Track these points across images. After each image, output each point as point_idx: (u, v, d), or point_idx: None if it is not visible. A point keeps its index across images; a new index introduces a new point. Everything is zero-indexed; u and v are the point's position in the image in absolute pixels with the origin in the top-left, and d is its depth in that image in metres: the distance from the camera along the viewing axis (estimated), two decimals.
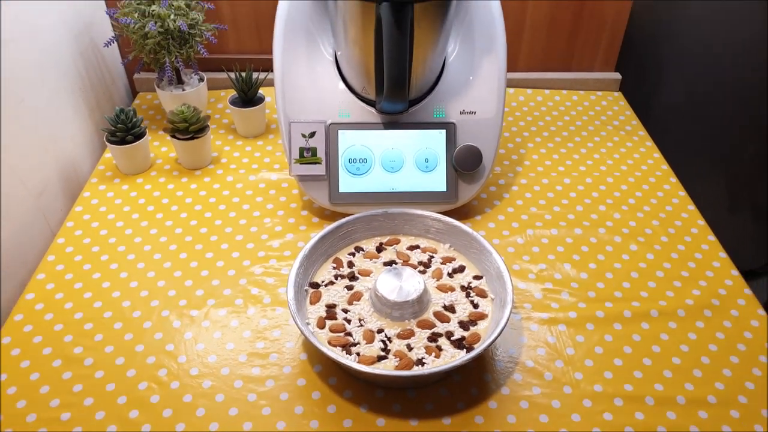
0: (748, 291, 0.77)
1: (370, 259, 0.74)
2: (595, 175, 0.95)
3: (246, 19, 1.08)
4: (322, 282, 0.71)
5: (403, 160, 0.83)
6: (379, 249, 0.75)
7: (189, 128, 0.89)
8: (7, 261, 0.76)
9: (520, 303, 0.75)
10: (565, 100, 1.13)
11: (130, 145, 0.89)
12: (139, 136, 0.90)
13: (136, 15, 0.91)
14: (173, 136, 0.90)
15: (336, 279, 0.71)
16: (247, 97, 0.98)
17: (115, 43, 0.98)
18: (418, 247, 0.75)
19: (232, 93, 1.03)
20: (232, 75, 0.97)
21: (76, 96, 0.95)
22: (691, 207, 0.90)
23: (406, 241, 0.76)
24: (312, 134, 0.82)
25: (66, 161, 0.91)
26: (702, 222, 0.87)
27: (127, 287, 0.75)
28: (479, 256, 0.72)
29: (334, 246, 0.74)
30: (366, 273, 0.72)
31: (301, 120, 0.82)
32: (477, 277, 0.72)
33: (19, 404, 0.63)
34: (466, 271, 0.73)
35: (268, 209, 0.87)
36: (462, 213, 0.86)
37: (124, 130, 0.88)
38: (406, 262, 0.73)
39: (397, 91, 0.75)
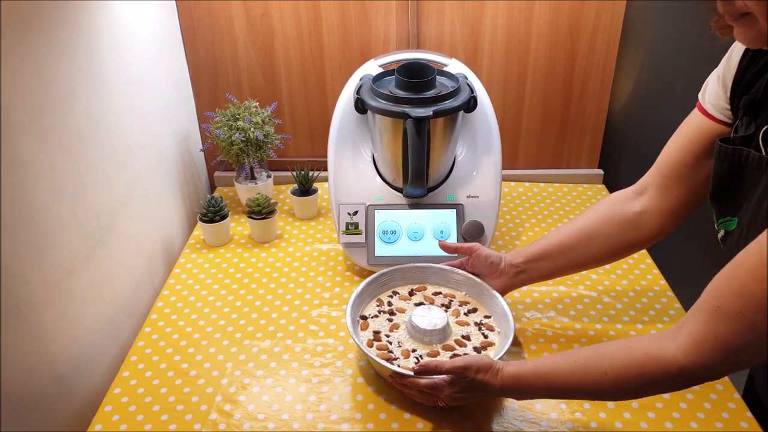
0: None
1: (404, 300, 0.98)
2: None
3: (303, 131, 1.40)
4: (369, 315, 0.95)
5: (424, 231, 1.09)
6: (411, 293, 0.99)
7: (262, 211, 1.17)
8: (128, 306, 1.03)
9: (518, 335, 0.97)
10: (557, 191, 1.40)
11: (217, 223, 1.18)
12: (224, 216, 1.19)
13: (225, 128, 1.22)
14: (250, 216, 1.18)
15: (379, 313, 0.95)
16: (305, 189, 1.27)
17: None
18: (440, 293, 0.99)
19: (291, 186, 1.33)
20: (294, 173, 1.27)
21: (175, 187, 1.25)
22: (656, 271, 1.13)
23: (431, 288, 1.00)
24: (355, 213, 1.09)
25: (166, 236, 1.20)
26: (663, 282, 1.10)
27: (223, 325, 1.01)
28: (488, 300, 0.95)
29: (377, 290, 0.98)
30: (401, 310, 0.96)
31: (347, 202, 1.10)
32: (487, 317, 0.95)
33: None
34: (478, 311, 0.96)
35: (320, 270, 1.13)
36: None
37: (213, 212, 1.17)
38: (431, 304, 0.97)
39: (417, 181, 1.02)
